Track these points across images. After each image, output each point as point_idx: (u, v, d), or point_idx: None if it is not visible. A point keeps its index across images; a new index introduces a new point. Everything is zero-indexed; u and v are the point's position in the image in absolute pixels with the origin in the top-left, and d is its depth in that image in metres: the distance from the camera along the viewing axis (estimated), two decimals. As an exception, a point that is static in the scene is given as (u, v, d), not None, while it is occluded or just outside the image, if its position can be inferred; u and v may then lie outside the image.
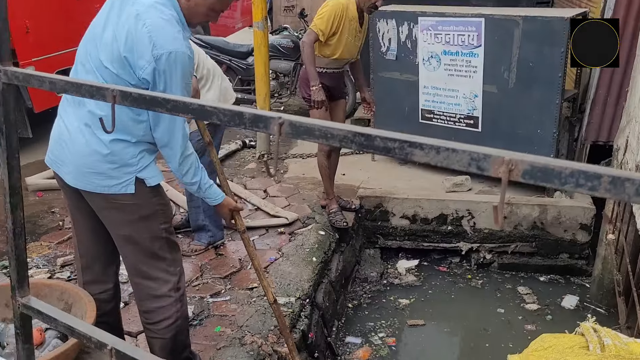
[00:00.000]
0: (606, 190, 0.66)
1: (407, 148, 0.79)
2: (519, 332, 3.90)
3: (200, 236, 3.95)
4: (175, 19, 2.12)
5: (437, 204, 4.69)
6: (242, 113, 0.92)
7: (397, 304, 4.25)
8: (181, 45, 2.08)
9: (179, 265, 2.43)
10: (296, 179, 5.32)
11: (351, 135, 0.83)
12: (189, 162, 2.27)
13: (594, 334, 1.23)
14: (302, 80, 4.20)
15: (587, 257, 4.63)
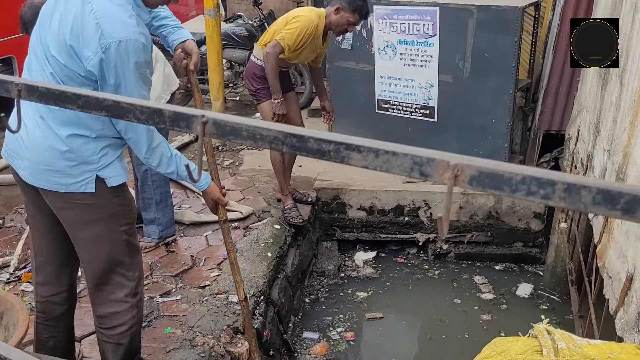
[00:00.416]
0: (560, 198, 0.59)
1: (344, 151, 0.70)
2: (475, 322, 3.91)
3: (150, 231, 3.80)
4: (128, 1, 1.94)
5: (393, 195, 4.66)
6: (161, 111, 0.82)
7: (355, 297, 4.20)
8: (133, 32, 1.90)
9: (138, 269, 2.30)
10: (251, 172, 5.20)
11: (282, 137, 0.74)
12: (158, 154, 2.12)
13: (548, 337, 1.19)
14: (249, 72, 4.06)
15: (541, 245, 4.69)
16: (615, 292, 2.09)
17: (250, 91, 4.12)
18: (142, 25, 1.98)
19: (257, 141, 0.76)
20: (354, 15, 3.81)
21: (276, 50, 3.76)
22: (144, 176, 3.67)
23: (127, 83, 1.93)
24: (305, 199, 4.51)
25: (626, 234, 2.10)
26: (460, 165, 0.64)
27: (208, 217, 4.20)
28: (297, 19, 3.80)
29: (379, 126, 5.13)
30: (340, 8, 3.81)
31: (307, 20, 3.78)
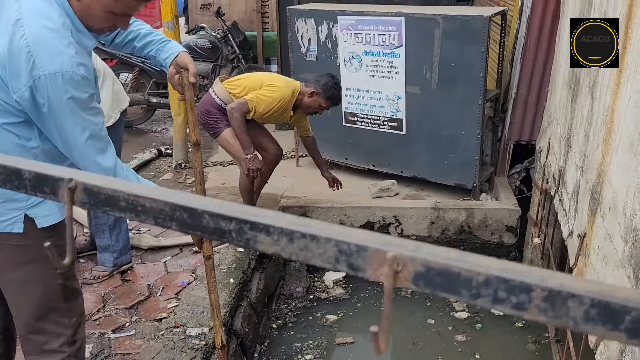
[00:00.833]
0: (540, 310, 0.42)
1: (248, 232, 0.52)
2: (449, 344, 3.75)
3: (104, 259, 3.55)
4: (66, 26, 1.67)
5: (362, 211, 4.50)
6: (20, 172, 0.62)
7: (325, 321, 4.01)
8: (70, 64, 1.64)
9: (77, 314, 2.06)
10: (215, 189, 4.98)
11: (169, 210, 0.55)
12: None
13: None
14: (203, 107, 3.87)
15: (514, 258, 4.57)
16: (595, 324, 1.95)
17: (205, 125, 3.88)
18: (82, 55, 1.71)
19: (140, 215, 0.57)
20: (326, 102, 3.85)
21: (243, 109, 3.69)
22: None
23: (63, 121, 1.69)
24: None
25: (604, 260, 1.97)
26: (401, 259, 0.46)
27: (168, 241, 3.98)
28: (272, 89, 3.73)
29: (346, 140, 4.98)
30: (315, 93, 3.81)
31: (281, 94, 3.73)
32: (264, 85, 3.76)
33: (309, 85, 3.87)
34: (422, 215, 4.47)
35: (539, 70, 4.53)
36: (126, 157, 5.69)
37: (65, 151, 1.78)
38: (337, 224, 0.52)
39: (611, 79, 2.15)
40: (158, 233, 4.13)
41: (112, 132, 3.41)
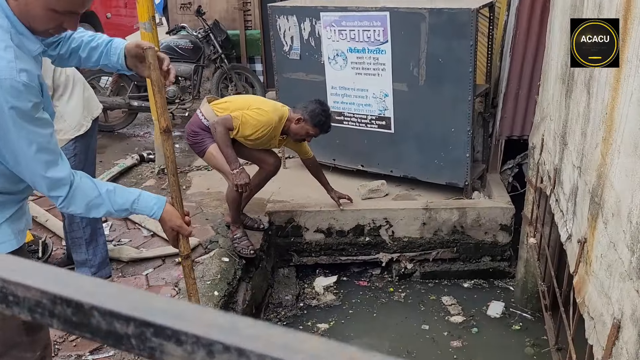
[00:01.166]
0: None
1: (152, 338, 0.36)
2: (445, 351, 3.62)
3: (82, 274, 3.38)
4: (4, 28, 1.51)
5: (352, 214, 4.35)
6: None
7: (316, 330, 3.87)
8: (9, 70, 1.48)
9: (40, 347, 1.89)
10: (199, 195, 4.82)
11: (49, 303, 0.39)
12: (80, 201, 1.71)
13: None
14: (189, 127, 3.82)
15: (509, 258, 4.45)
16: (600, 339, 1.81)
17: (192, 145, 3.84)
18: (25, 60, 1.53)
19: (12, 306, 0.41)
20: (314, 129, 3.71)
21: (226, 124, 3.56)
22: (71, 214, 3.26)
23: (5, 134, 1.53)
24: (257, 226, 4.16)
25: (608, 270, 1.83)
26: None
27: (150, 253, 3.82)
28: (259, 112, 3.61)
29: (333, 140, 4.82)
30: (302, 119, 3.68)
31: (267, 119, 3.61)
32: (251, 107, 3.65)
33: (296, 112, 3.74)
34: (413, 216, 4.33)
35: (529, 63, 4.39)
36: (107, 164, 5.51)
37: (14, 167, 1.62)
38: (282, 328, 0.37)
39: (610, 75, 2.00)
40: (140, 244, 3.97)
41: (85, 142, 3.24)
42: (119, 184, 1.94)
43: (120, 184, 5.26)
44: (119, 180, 5.21)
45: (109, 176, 5.07)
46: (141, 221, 4.21)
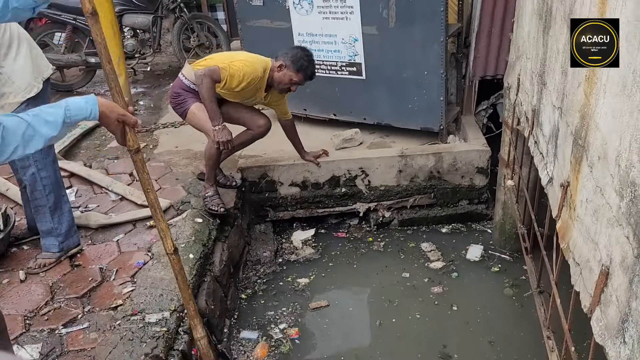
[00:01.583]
0: None
1: None
2: (426, 297, 3.62)
3: (49, 244, 3.23)
4: None
5: (326, 166, 4.24)
6: None
7: (296, 285, 3.82)
8: None
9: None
10: (168, 154, 4.65)
11: None
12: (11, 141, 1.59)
13: None
14: (172, 90, 3.74)
15: (487, 200, 4.43)
16: (587, 285, 1.77)
17: (175, 108, 3.72)
18: None
19: None
20: (297, 74, 3.54)
21: (214, 75, 3.43)
22: (32, 180, 3.08)
23: None
24: (230, 183, 4.03)
25: (594, 216, 1.77)
26: None
27: (119, 218, 3.67)
28: (245, 64, 3.47)
29: (303, 89, 4.63)
30: (284, 66, 3.51)
31: (253, 70, 3.47)
32: (235, 59, 3.51)
33: (278, 59, 3.58)
34: (389, 164, 4.24)
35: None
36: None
37: None
38: None
39: (592, 8, 1.88)
40: (108, 209, 3.81)
41: (37, 104, 3.00)
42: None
43: (84, 146, 5.03)
44: (81, 143, 4.99)
45: (71, 138, 4.84)
46: (109, 184, 4.04)
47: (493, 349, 3.18)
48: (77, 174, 4.23)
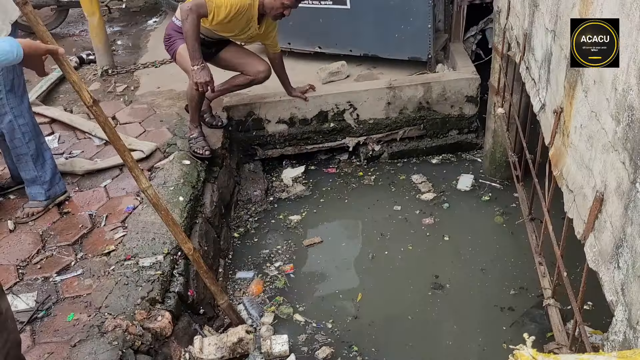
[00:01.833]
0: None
1: None
2: (417, 229, 3.64)
3: (35, 193, 3.18)
4: None
5: (314, 101, 4.15)
6: None
7: (289, 223, 3.82)
8: None
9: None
10: (150, 96, 4.52)
11: None
12: None
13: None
14: (165, 34, 3.63)
15: (477, 129, 4.40)
16: (581, 212, 1.76)
17: (166, 49, 3.65)
18: None
19: None
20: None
21: (200, 10, 3.24)
22: (10, 127, 2.98)
23: None
24: (216, 123, 3.95)
25: (589, 142, 1.74)
26: None
27: (105, 163, 3.61)
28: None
29: (286, 23, 4.47)
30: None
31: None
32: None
33: None
34: (377, 96, 4.16)
35: None
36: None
37: None
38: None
39: None
40: (93, 154, 3.74)
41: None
42: None
43: (62, 90, 4.87)
44: (60, 87, 4.83)
45: (48, 83, 4.68)
46: (92, 129, 3.94)
47: (485, 277, 3.24)
48: (58, 120, 4.12)
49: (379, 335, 2.94)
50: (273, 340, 2.86)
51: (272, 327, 3.02)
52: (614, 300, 1.50)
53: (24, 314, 2.54)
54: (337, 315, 3.08)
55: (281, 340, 2.85)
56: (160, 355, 2.51)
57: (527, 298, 3.05)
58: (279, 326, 3.04)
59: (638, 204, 1.37)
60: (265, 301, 3.21)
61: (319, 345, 2.91)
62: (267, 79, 3.76)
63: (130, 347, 2.38)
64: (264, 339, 2.88)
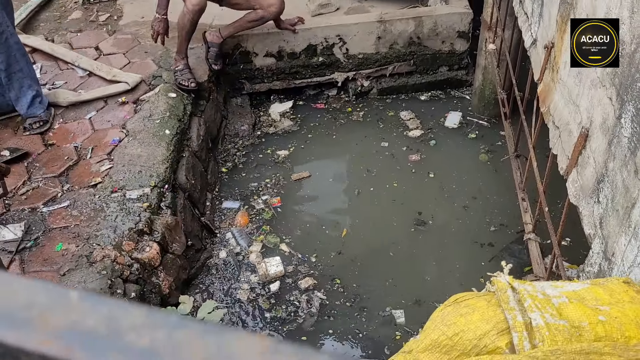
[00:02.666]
0: None
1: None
2: (403, 166, 3.66)
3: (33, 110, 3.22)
4: None
5: (302, 34, 4.05)
6: None
7: (276, 157, 3.82)
8: None
9: None
10: (134, 26, 4.37)
11: None
12: None
13: (513, 299, 0.84)
14: None
15: (467, 66, 4.34)
16: (565, 148, 1.78)
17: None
18: None
19: None
20: None
21: None
22: (6, 46, 2.96)
23: None
24: (211, 62, 3.87)
25: (578, 77, 1.73)
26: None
27: (89, 94, 3.55)
28: None
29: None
30: None
31: None
32: None
33: None
34: (367, 30, 4.07)
35: None
36: None
37: None
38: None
39: None
40: (77, 85, 3.66)
41: None
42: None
43: (43, 19, 4.69)
44: (40, 15, 4.65)
45: (27, 10, 4.50)
46: (74, 60, 3.84)
47: (466, 214, 3.29)
48: (40, 49, 4.00)
49: (361, 270, 3.02)
50: (267, 263, 3.01)
51: (261, 254, 3.10)
52: (592, 234, 1.54)
53: (12, 244, 2.56)
54: (322, 250, 3.14)
55: (275, 262, 3.01)
56: (149, 284, 2.57)
57: (506, 234, 3.13)
58: (267, 255, 3.11)
59: (622, 140, 1.38)
60: (253, 232, 3.27)
61: (302, 276, 2.99)
62: (280, 14, 3.69)
63: (119, 277, 2.43)
64: (259, 263, 3.02)
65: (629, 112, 1.34)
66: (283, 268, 2.99)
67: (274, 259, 3.02)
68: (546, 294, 0.85)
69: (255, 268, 3.01)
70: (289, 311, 2.83)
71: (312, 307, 2.84)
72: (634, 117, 1.31)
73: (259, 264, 3.00)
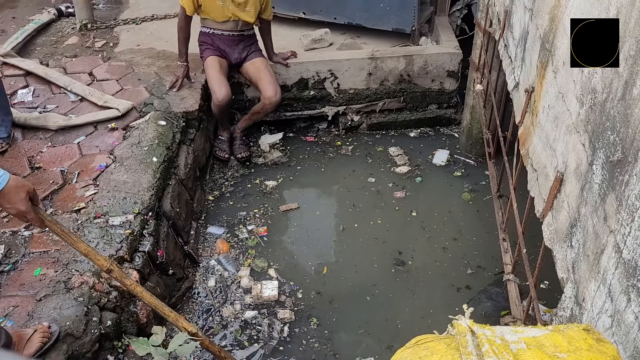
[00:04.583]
0: None
1: None
2: (388, 203, 3.67)
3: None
4: None
5: (295, 67, 4.11)
6: None
7: (264, 188, 3.83)
8: None
9: None
10: (129, 53, 4.43)
11: None
12: None
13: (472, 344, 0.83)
14: (198, 39, 3.93)
15: (456, 105, 4.41)
16: (542, 191, 1.80)
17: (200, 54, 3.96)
18: None
19: None
20: None
21: (179, 15, 3.71)
22: None
23: None
24: (238, 155, 4.06)
25: (554, 122, 1.76)
26: None
27: (79, 119, 3.56)
28: None
29: None
30: None
31: None
32: None
33: None
34: (359, 66, 4.14)
35: None
36: (21, 20, 4.95)
37: None
38: None
39: None
40: (68, 110, 3.68)
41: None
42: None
43: (39, 43, 4.75)
44: (36, 39, 4.71)
45: (24, 35, 4.55)
46: (68, 84, 3.87)
47: (445, 255, 3.28)
48: (34, 73, 4.04)
49: (339, 311, 2.98)
50: (264, 285, 3.04)
51: (253, 278, 3.11)
52: (565, 278, 1.55)
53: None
54: (305, 286, 3.11)
55: (271, 286, 3.04)
56: (126, 313, 2.54)
57: (483, 277, 3.12)
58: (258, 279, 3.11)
59: (593, 186, 1.40)
60: (238, 257, 3.27)
61: (281, 308, 2.98)
62: (275, 107, 3.89)
63: (96, 304, 2.40)
64: (255, 284, 3.06)
65: (600, 159, 1.37)
66: (277, 294, 3.01)
67: (272, 282, 3.06)
68: (505, 340, 0.85)
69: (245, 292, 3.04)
70: (253, 337, 2.80)
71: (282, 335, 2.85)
72: (604, 164, 1.34)
73: (254, 284, 3.05)
